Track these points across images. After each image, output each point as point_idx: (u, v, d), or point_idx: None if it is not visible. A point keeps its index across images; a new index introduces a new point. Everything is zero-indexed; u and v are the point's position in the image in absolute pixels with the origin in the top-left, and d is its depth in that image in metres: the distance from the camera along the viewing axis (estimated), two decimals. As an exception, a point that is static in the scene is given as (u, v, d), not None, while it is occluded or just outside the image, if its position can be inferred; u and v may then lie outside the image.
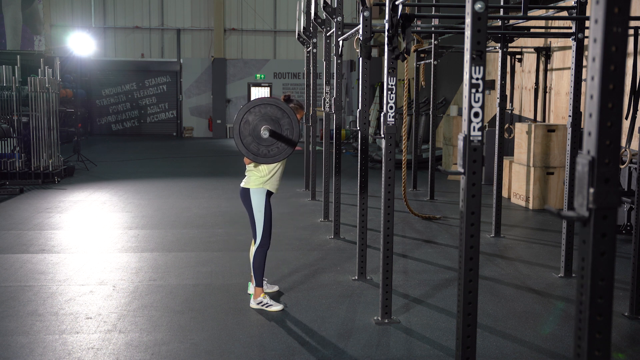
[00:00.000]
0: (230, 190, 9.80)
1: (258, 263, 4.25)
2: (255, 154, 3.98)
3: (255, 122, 3.94)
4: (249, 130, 3.94)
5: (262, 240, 4.24)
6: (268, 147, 3.97)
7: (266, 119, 3.94)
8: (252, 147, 3.96)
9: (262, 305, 4.27)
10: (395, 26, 3.84)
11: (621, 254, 5.65)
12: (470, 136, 2.35)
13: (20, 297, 4.49)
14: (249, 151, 3.96)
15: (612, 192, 1.47)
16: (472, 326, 2.50)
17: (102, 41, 22.41)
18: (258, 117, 3.94)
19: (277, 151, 3.99)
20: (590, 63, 1.48)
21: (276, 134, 3.95)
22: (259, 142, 3.95)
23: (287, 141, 3.99)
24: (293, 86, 23.39)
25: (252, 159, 4.00)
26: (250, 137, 3.95)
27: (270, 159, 4.00)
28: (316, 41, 8.57)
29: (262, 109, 3.95)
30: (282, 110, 3.97)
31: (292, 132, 3.98)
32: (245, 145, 3.95)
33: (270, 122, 3.95)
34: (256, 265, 4.26)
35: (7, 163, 10.09)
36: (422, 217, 7.57)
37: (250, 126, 3.94)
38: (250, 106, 3.95)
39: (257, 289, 4.29)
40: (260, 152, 3.98)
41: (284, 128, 3.97)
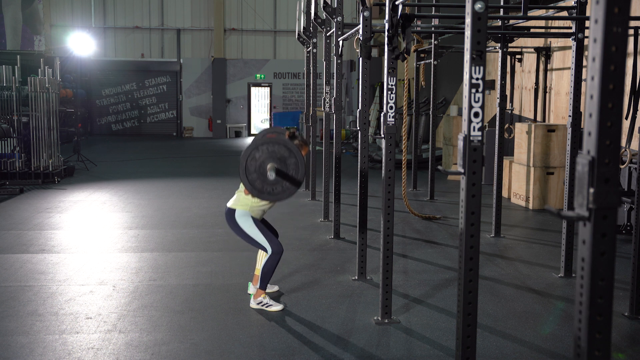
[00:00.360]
0: (230, 190, 9.80)
1: (269, 267, 4.19)
2: (259, 191, 4.01)
3: (262, 159, 3.98)
4: (255, 167, 3.97)
5: (272, 249, 4.18)
6: (273, 185, 4.00)
7: (273, 158, 3.98)
8: (256, 184, 4.00)
9: (262, 305, 4.26)
10: (395, 26, 3.84)
11: (621, 254, 5.65)
12: (470, 136, 2.35)
13: (20, 297, 4.49)
14: (253, 188, 3.99)
15: (612, 192, 1.47)
16: (472, 326, 2.50)
17: (102, 41, 22.41)
18: (265, 154, 3.98)
19: (280, 190, 4.02)
20: (590, 63, 1.48)
21: (282, 174, 3.98)
22: (264, 179, 3.99)
23: (292, 181, 4.02)
24: (293, 86, 23.40)
25: (255, 194, 4.02)
26: (255, 173, 3.98)
27: (273, 197, 4.04)
28: (316, 41, 8.57)
29: (270, 147, 3.98)
30: (289, 150, 4.00)
31: (297, 173, 4.02)
32: (251, 181, 3.99)
33: (277, 160, 3.98)
34: (266, 269, 4.20)
35: (7, 163, 10.09)
36: (422, 217, 7.57)
37: (257, 163, 3.97)
38: (258, 143, 3.98)
39: (260, 291, 4.28)
40: (265, 189, 4.01)
41: (290, 168, 4.01)
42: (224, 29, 22.79)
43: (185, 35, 22.97)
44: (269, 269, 4.20)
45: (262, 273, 4.22)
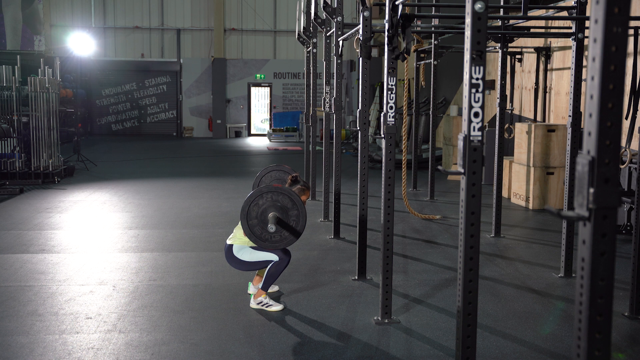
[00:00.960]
0: (230, 190, 9.80)
1: (275, 270, 4.17)
2: (258, 237, 4.04)
3: (265, 207, 4.01)
4: (257, 213, 4.00)
5: (279, 256, 4.16)
6: (272, 234, 4.04)
7: (276, 207, 4.00)
8: (255, 230, 4.03)
9: (262, 305, 4.26)
10: (395, 26, 3.84)
11: (621, 254, 5.65)
12: (470, 136, 2.35)
13: (20, 297, 4.49)
14: (252, 233, 4.03)
15: (612, 192, 1.47)
16: (472, 326, 2.50)
17: (102, 41, 22.42)
18: (269, 202, 4.01)
19: (279, 239, 4.06)
20: (590, 63, 1.48)
21: (283, 224, 4.00)
22: (263, 227, 4.02)
23: (292, 232, 4.04)
24: (293, 86, 23.41)
25: (253, 240, 4.06)
26: (256, 219, 4.01)
27: (270, 244, 4.07)
28: (316, 41, 8.57)
29: (275, 196, 4.02)
30: (293, 202, 4.04)
31: (297, 225, 4.05)
32: (250, 227, 4.03)
33: (279, 210, 3.99)
34: (272, 272, 4.17)
35: (7, 163, 10.09)
36: (422, 217, 7.57)
37: (259, 209, 4.01)
38: (263, 191, 4.00)
39: (261, 291, 4.28)
40: (263, 236, 4.04)
41: (292, 219, 4.04)
42: (224, 29, 22.80)
43: (185, 35, 22.97)
44: (275, 272, 4.18)
45: (267, 275, 4.19)
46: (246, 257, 4.21)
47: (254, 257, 4.19)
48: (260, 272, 4.51)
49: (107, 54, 22.72)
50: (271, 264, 4.19)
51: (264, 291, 4.27)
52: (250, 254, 4.20)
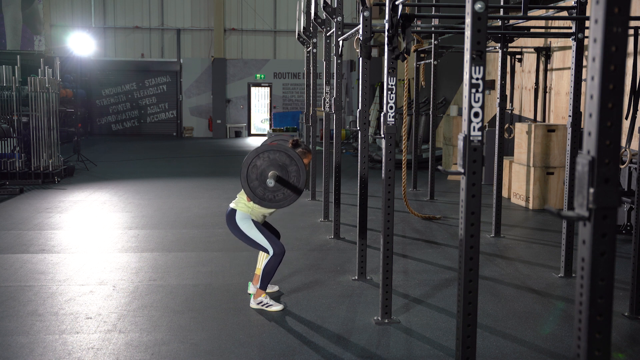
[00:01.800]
0: (230, 190, 9.79)
1: (270, 267, 4.18)
2: (261, 198, 4.02)
3: (264, 167, 3.99)
4: (257, 175, 3.98)
5: (274, 250, 4.16)
6: (274, 192, 4.02)
7: (274, 165, 3.98)
8: (258, 191, 4.01)
9: (262, 305, 4.26)
10: (395, 26, 3.84)
11: (621, 254, 5.65)
12: (470, 136, 2.35)
13: (20, 297, 4.49)
14: (254, 195, 4.01)
15: (612, 192, 1.47)
16: (472, 326, 2.50)
17: (102, 41, 22.41)
18: (267, 162, 3.99)
19: (282, 197, 4.04)
20: (590, 63, 1.48)
21: (283, 181, 3.98)
22: (265, 187, 4.00)
23: (293, 188, 4.02)
24: (293, 86, 23.40)
25: (257, 202, 4.03)
26: (257, 181, 4.00)
27: (275, 204, 4.05)
28: (316, 41, 8.57)
29: (272, 154, 3.99)
30: (290, 158, 4.01)
31: (298, 180, 4.03)
32: (252, 189, 4.00)
33: (278, 168, 3.98)
34: (267, 269, 4.18)
35: (7, 163, 10.09)
36: (422, 217, 7.57)
37: (258, 170, 3.99)
38: (259, 151, 3.98)
39: (260, 291, 4.28)
40: (266, 196, 4.02)
41: (292, 175, 4.02)
42: (224, 29, 22.79)
43: (185, 35, 22.97)
44: (270, 269, 4.19)
45: (264, 273, 4.20)
46: (245, 228, 4.18)
47: (252, 234, 4.17)
48: (257, 270, 4.52)
49: (107, 54, 22.72)
50: (266, 263, 4.19)
51: (263, 290, 4.27)
52: (249, 227, 4.17)
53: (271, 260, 4.17)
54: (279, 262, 4.19)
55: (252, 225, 4.19)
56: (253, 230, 4.18)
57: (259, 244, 4.19)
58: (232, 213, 4.23)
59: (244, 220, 4.20)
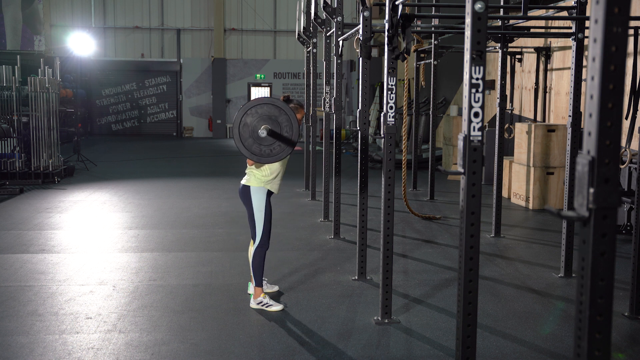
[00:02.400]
0: (230, 190, 9.79)
1: (257, 263, 4.24)
2: (258, 155, 4.00)
3: (255, 123, 3.95)
4: (249, 132, 3.96)
5: (261, 240, 4.23)
6: (269, 146, 3.99)
7: (264, 119, 3.96)
8: (253, 149, 3.98)
9: (262, 305, 4.26)
10: (395, 26, 3.84)
11: (621, 254, 5.65)
12: (470, 136, 2.35)
13: (20, 297, 4.49)
14: (251, 153, 3.97)
15: (612, 192, 1.47)
16: (472, 326, 2.50)
17: (102, 41, 22.41)
18: (256, 117, 3.96)
19: (279, 149, 4.01)
20: (590, 63, 1.48)
21: (275, 133, 3.96)
22: (260, 142, 3.97)
23: (286, 139, 4.00)
24: (293, 86, 23.39)
25: (256, 160, 4.01)
26: (251, 138, 3.96)
27: (273, 157, 4.02)
28: (316, 41, 8.57)
29: (259, 109, 3.96)
30: (278, 109, 3.98)
31: (291, 129, 4.00)
32: (247, 147, 3.97)
33: (269, 121, 3.96)
34: (255, 265, 4.25)
35: (7, 163, 10.09)
36: (422, 217, 7.57)
37: (250, 128, 3.96)
38: (247, 108, 3.96)
39: (257, 288, 4.28)
40: (263, 152, 3.99)
41: (283, 125, 3.99)
42: (224, 29, 22.79)
43: (185, 35, 22.97)
44: (258, 264, 4.24)
45: (253, 269, 4.26)
46: (257, 204, 4.19)
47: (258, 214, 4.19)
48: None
49: (107, 54, 22.72)
50: (252, 259, 4.24)
51: (260, 287, 4.28)
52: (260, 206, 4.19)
53: (256, 255, 4.23)
54: (263, 254, 4.24)
55: (263, 206, 4.21)
56: (261, 212, 4.21)
57: (255, 225, 4.22)
58: (246, 190, 4.24)
59: (258, 194, 4.21)
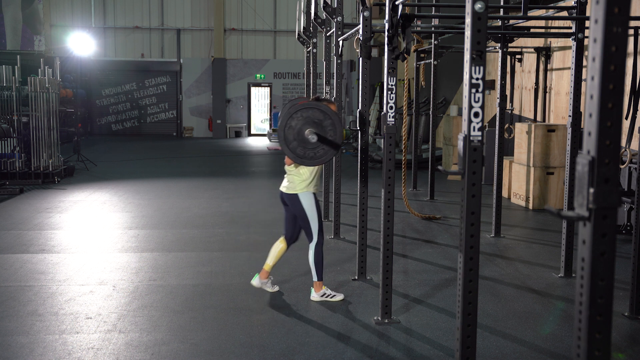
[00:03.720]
0: (230, 190, 9.80)
1: (318, 259, 4.39)
2: (302, 157, 4.05)
3: (299, 126, 4.00)
4: (294, 135, 3.99)
5: (318, 238, 4.38)
6: (314, 149, 4.04)
7: (309, 123, 3.98)
8: (298, 151, 4.02)
9: (325, 297, 4.43)
10: (395, 26, 3.84)
11: (621, 254, 5.65)
12: (470, 136, 2.35)
13: (20, 297, 4.49)
14: (296, 155, 4.02)
15: (612, 192, 1.47)
16: (472, 326, 2.50)
17: (102, 41, 22.41)
18: (301, 121, 4.00)
19: (322, 152, 4.05)
20: (590, 63, 1.48)
21: (323, 139, 4.00)
22: (305, 145, 4.01)
23: (332, 143, 4.04)
24: (293, 86, 23.40)
25: (300, 162, 4.07)
26: (295, 141, 4.00)
27: (316, 160, 4.07)
28: (316, 41, 8.57)
29: (304, 112, 4.00)
30: (323, 113, 4.02)
31: (335, 133, 4.04)
32: (292, 150, 4.00)
33: (313, 125, 3.98)
34: (317, 261, 4.39)
35: (7, 163, 10.09)
36: (422, 217, 7.57)
37: (295, 130, 4.00)
38: (292, 112, 3.99)
39: (319, 282, 4.43)
40: (307, 155, 4.04)
41: (327, 129, 4.03)
42: (224, 29, 22.79)
43: (185, 35, 22.97)
44: (319, 259, 4.39)
45: (315, 265, 4.39)
46: (308, 206, 4.33)
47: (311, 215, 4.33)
48: (266, 266, 4.56)
49: (107, 54, 22.71)
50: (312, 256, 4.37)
51: (322, 282, 4.43)
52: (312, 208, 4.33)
53: (316, 252, 4.38)
54: (321, 250, 4.40)
55: (313, 208, 4.34)
56: (314, 213, 4.34)
57: (310, 226, 4.35)
58: (293, 197, 4.35)
59: (307, 199, 4.34)
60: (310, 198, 4.35)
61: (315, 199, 4.39)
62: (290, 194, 4.37)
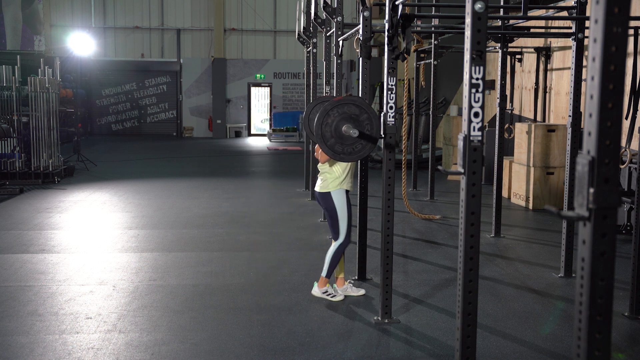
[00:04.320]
0: (230, 190, 9.80)
1: (336, 257, 4.42)
2: (341, 154, 4.04)
3: (335, 123, 3.98)
4: (331, 132, 3.98)
5: (344, 239, 4.41)
6: (352, 145, 4.02)
7: (345, 118, 3.97)
8: (336, 148, 4.01)
9: (327, 295, 4.44)
10: (395, 26, 3.84)
11: (621, 254, 5.65)
12: (470, 136, 2.35)
13: (20, 297, 4.49)
14: (334, 152, 4.02)
15: (612, 192, 1.47)
16: (472, 326, 2.50)
17: (102, 41, 22.40)
18: (337, 117, 3.99)
19: (360, 147, 4.04)
20: (590, 63, 1.48)
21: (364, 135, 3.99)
22: (342, 141, 3.99)
23: (370, 137, 4.03)
24: (293, 86, 23.40)
25: (338, 158, 4.07)
26: (333, 138, 3.99)
27: (354, 156, 4.06)
28: (316, 41, 8.57)
29: (340, 109, 3.99)
30: (359, 107, 4.00)
31: (372, 128, 4.02)
32: (330, 147, 4.00)
33: (350, 120, 3.97)
34: (334, 259, 4.42)
35: (7, 163, 10.09)
36: (422, 217, 7.57)
37: (332, 127, 3.98)
38: (327, 109, 3.98)
39: (325, 279, 4.45)
40: (345, 150, 4.04)
41: (364, 124, 4.01)
42: (224, 29, 22.79)
43: (185, 35, 22.97)
44: (336, 258, 4.41)
45: (330, 260, 4.40)
46: (339, 204, 4.38)
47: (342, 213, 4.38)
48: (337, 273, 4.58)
49: (107, 54, 22.71)
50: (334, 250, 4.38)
51: (328, 278, 4.44)
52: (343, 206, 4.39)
53: (338, 249, 4.40)
54: (343, 250, 4.43)
55: (344, 206, 4.39)
56: (344, 212, 4.39)
57: (338, 225, 4.39)
58: (326, 196, 4.39)
59: (339, 197, 4.39)
60: (342, 196, 4.39)
61: (347, 198, 4.41)
62: (323, 192, 4.41)
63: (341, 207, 4.40)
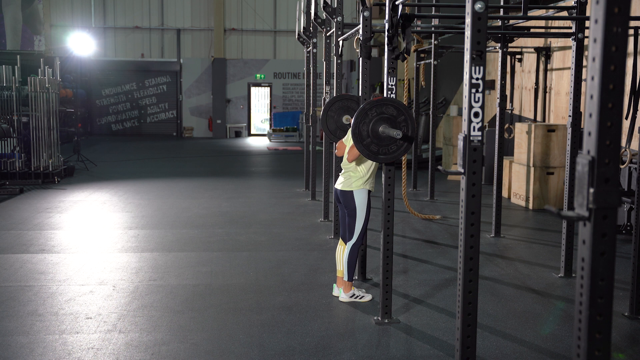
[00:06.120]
0: (230, 190, 9.80)
1: (352, 259, 4.41)
2: (376, 154, 4.02)
3: (372, 123, 3.96)
4: (367, 131, 3.97)
5: (357, 239, 4.39)
6: (388, 145, 4.00)
7: (382, 119, 3.96)
8: (372, 148, 3.99)
9: (355, 298, 4.43)
10: (395, 26, 3.84)
11: (621, 254, 5.65)
12: (470, 136, 2.35)
13: (20, 297, 4.49)
14: (370, 152, 3.99)
15: (612, 192, 1.47)
16: (472, 326, 2.50)
17: (102, 41, 22.41)
18: (375, 117, 3.96)
19: (395, 148, 4.02)
20: (590, 63, 1.48)
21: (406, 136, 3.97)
22: (379, 142, 3.97)
23: (409, 138, 4.01)
24: (293, 86, 23.40)
25: (373, 158, 4.04)
26: (369, 138, 3.97)
27: (389, 156, 4.04)
28: (316, 41, 8.57)
29: (378, 109, 3.96)
30: (397, 109, 3.98)
31: (408, 130, 4.01)
32: (366, 146, 3.97)
33: (387, 121, 3.96)
34: (350, 261, 4.41)
35: (7, 163, 10.09)
36: (422, 217, 7.57)
37: (369, 127, 3.97)
38: (366, 108, 3.95)
39: (349, 283, 4.43)
40: (381, 151, 4.02)
41: (401, 126, 3.99)
42: (224, 29, 22.79)
43: (185, 35, 22.97)
44: (352, 260, 4.40)
45: (347, 265, 4.39)
46: (360, 205, 4.35)
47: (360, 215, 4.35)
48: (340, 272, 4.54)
49: (107, 54, 22.71)
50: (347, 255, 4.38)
51: (351, 282, 4.43)
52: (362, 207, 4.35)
53: (352, 252, 4.39)
54: (357, 250, 4.42)
55: (364, 206, 4.36)
56: (363, 212, 4.36)
57: (355, 225, 4.37)
58: (347, 194, 4.37)
59: (361, 196, 4.36)
60: (364, 196, 4.36)
61: (369, 198, 4.39)
62: (345, 190, 4.39)
63: (361, 207, 4.37)
